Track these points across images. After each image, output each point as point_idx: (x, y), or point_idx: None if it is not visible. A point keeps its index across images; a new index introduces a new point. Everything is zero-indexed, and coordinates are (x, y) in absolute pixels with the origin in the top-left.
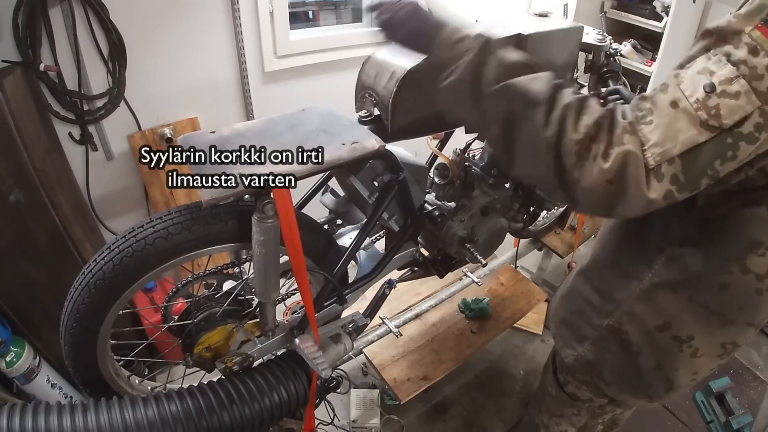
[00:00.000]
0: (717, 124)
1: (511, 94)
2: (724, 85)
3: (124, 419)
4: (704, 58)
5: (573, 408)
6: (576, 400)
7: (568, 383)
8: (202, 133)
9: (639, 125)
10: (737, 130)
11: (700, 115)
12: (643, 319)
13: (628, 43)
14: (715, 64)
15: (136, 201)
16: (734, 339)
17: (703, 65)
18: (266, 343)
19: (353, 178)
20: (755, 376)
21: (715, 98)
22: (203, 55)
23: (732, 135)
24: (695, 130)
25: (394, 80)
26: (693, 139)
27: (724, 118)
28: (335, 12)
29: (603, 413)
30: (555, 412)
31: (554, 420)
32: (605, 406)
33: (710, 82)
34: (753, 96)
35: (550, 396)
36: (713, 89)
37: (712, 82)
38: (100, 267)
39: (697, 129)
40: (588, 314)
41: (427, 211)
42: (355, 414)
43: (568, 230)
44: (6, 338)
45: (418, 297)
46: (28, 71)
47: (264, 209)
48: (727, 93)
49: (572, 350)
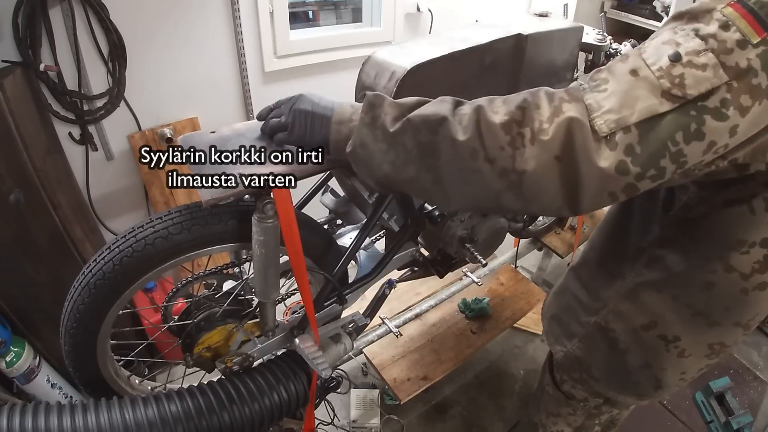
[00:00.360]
0: (680, 94)
1: (414, 125)
2: (691, 56)
3: (124, 419)
4: (670, 31)
5: (569, 407)
6: (571, 399)
7: (564, 382)
8: (202, 133)
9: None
10: (702, 103)
11: (663, 83)
12: (629, 318)
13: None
14: (682, 37)
15: (136, 201)
16: (722, 340)
17: (668, 37)
18: (266, 343)
19: (353, 178)
20: (755, 376)
21: (680, 67)
22: (203, 54)
23: (696, 107)
24: (655, 99)
25: (394, 80)
26: (653, 107)
27: (688, 88)
28: (335, 12)
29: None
30: (552, 411)
31: (551, 419)
32: (601, 406)
33: (676, 51)
34: (721, 70)
35: (547, 395)
36: (678, 58)
37: (678, 52)
38: (100, 267)
39: (657, 98)
40: (577, 311)
41: (427, 211)
42: (355, 414)
43: (568, 230)
44: (6, 338)
45: (418, 297)
46: (28, 71)
47: (264, 209)
48: (693, 63)
49: (562, 346)
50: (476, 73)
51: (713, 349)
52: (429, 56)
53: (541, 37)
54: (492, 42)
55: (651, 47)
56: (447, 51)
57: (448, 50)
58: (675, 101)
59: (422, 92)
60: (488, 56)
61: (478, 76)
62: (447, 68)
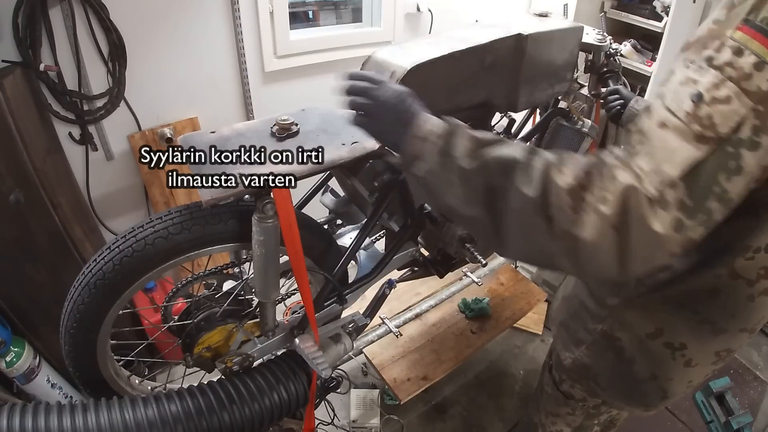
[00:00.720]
0: (713, 135)
1: (489, 166)
2: (712, 91)
3: (124, 419)
4: (683, 68)
5: (567, 407)
6: (570, 398)
7: (563, 381)
8: (202, 133)
9: (631, 158)
10: (736, 136)
11: (694, 129)
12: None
13: (628, 43)
14: (696, 72)
15: (136, 201)
16: (728, 346)
17: (683, 75)
18: (266, 343)
19: (353, 178)
20: (755, 376)
21: (705, 107)
22: (203, 54)
23: (732, 143)
24: (691, 146)
25: (394, 80)
26: (691, 156)
27: (719, 126)
28: (335, 12)
29: (598, 414)
30: (551, 411)
31: (550, 419)
32: (599, 406)
33: (696, 91)
34: (744, 97)
35: (546, 394)
36: (701, 98)
37: (699, 92)
38: (100, 267)
39: (693, 144)
40: (584, 318)
41: (427, 210)
42: (355, 414)
43: None
44: (6, 338)
45: (418, 297)
46: (28, 71)
47: (264, 209)
48: (717, 99)
49: (570, 353)
50: (476, 73)
51: (720, 356)
52: (429, 56)
53: (541, 37)
54: (492, 42)
55: (670, 92)
56: (447, 51)
57: (448, 50)
58: (710, 143)
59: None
60: (488, 56)
61: (478, 76)
62: (447, 68)
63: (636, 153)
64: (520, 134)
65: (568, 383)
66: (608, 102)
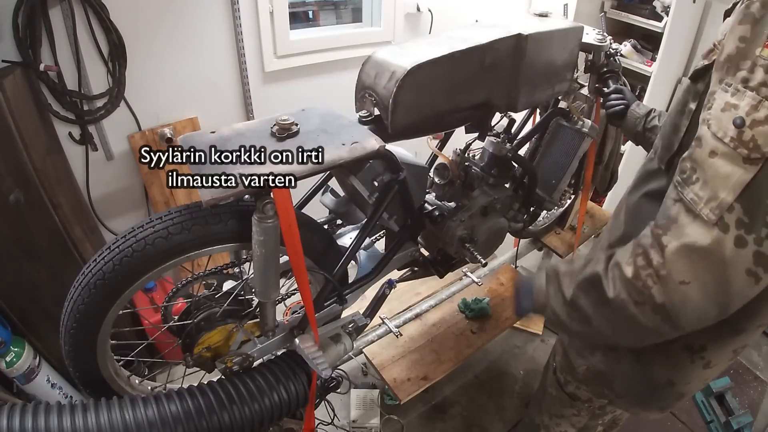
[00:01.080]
0: (759, 155)
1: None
2: (752, 114)
3: (124, 419)
4: (722, 92)
5: (573, 408)
6: (576, 400)
7: (568, 383)
8: (202, 133)
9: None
10: None
11: (741, 152)
12: None
13: (628, 43)
14: (735, 96)
15: (136, 201)
16: (745, 343)
17: (723, 101)
18: (266, 343)
19: (353, 178)
20: (755, 376)
21: (748, 131)
22: (203, 55)
23: None
24: (741, 169)
25: (394, 80)
26: (742, 179)
27: (763, 147)
28: (335, 12)
29: (603, 414)
30: (555, 412)
31: (554, 420)
32: (605, 406)
33: (738, 116)
34: None
35: (550, 396)
36: (743, 123)
37: (741, 116)
38: (100, 267)
39: (742, 167)
40: None
41: (427, 211)
42: (355, 414)
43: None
44: (6, 338)
45: (418, 297)
46: (28, 71)
47: (264, 209)
48: (757, 121)
49: (584, 360)
50: (476, 73)
51: (736, 353)
52: (429, 56)
53: (541, 37)
54: (492, 42)
55: (714, 119)
56: (447, 51)
57: (448, 50)
58: (757, 163)
59: (422, 92)
60: (488, 56)
61: (478, 76)
62: (447, 68)
63: (689, 181)
64: (520, 134)
65: (574, 385)
66: (610, 101)
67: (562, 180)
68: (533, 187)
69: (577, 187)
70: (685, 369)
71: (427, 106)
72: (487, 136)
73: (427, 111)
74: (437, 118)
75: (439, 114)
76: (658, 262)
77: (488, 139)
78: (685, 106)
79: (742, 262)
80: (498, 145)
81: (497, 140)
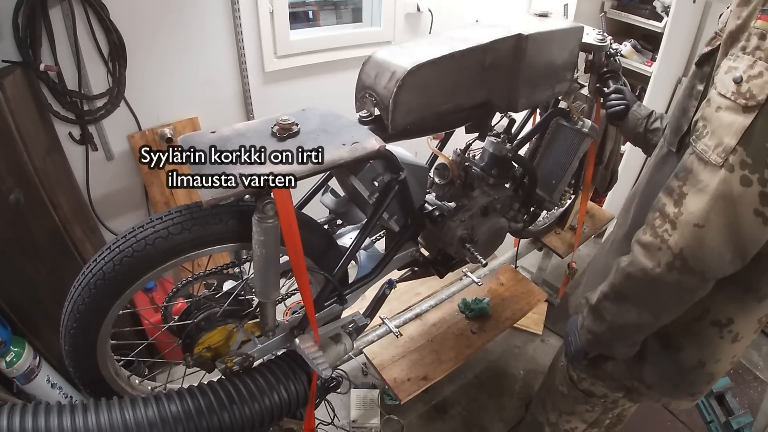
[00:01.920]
0: (755, 103)
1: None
2: (748, 71)
3: (124, 419)
4: (726, 60)
5: (587, 404)
6: (591, 396)
7: (583, 380)
8: (202, 133)
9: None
10: None
11: (740, 103)
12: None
13: (628, 43)
14: (735, 60)
15: (136, 201)
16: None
17: (726, 65)
18: (266, 343)
19: (353, 178)
20: (755, 376)
21: (744, 84)
22: (203, 55)
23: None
24: (741, 116)
25: (394, 80)
26: (742, 124)
27: (758, 95)
28: (335, 12)
29: (615, 407)
30: (566, 410)
31: (564, 418)
32: (618, 400)
33: (738, 75)
34: None
35: (560, 394)
36: (741, 79)
37: (739, 75)
38: (100, 267)
39: (742, 115)
40: None
41: (427, 211)
42: (355, 414)
43: (568, 230)
44: (6, 338)
45: (418, 297)
46: (28, 71)
47: (264, 209)
48: (752, 76)
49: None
50: (476, 73)
51: (761, 322)
52: (429, 56)
53: (541, 37)
54: (492, 42)
55: (719, 81)
56: (447, 51)
57: (448, 50)
58: (754, 110)
59: (422, 92)
60: (488, 56)
61: (479, 76)
62: (447, 68)
63: (701, 136)
64: (520, 134)
65: (589, 381)
66: (611, 101)
67: (562, 180)
68: (533, 187)
69: (577, 187)
70: (714, 345)
71: (427, 106)
72: (487, 136)
73: (428, 111)
74: (437, 118)
75: (439, 114)
76: (674, 212)
77: (488, 139)
78: (693, 89)
79: (749, 202)
80: (498, 145)
81: (497, 140)
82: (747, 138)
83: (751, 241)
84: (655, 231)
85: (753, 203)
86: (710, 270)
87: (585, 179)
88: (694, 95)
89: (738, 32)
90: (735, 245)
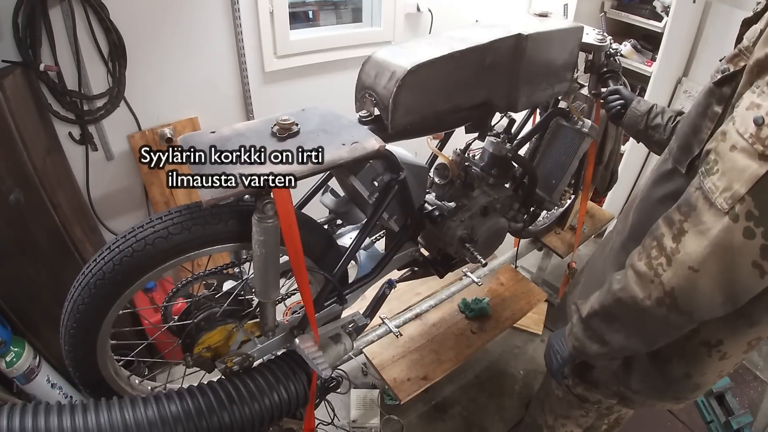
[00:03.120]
0: None
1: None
2: None
3: (124, 419)
4: (749, 93)
5: (581, 410)
6: (585, 401)
7: (577, 385)
8: (202, 133)
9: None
10: None
11: (757, 149)
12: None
13: (628, 43)
14: (759, 96)
15: (136, 201)
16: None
17: (749, 100)
18: (266, 343)
19: (353, 178)
20: (755, 376)
21: (766, 129)
22: (203, 55)
23: None
24: (755, 164)
25: (394, 80)
26: (755, 173)
27: None
28: (335, 12)
29: (610, 413)
30: (561, 413)
31: (560, 421)
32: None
33: (759, 115)
34: None
35: (556, 398)
36: (762, 121)
37: (761, 115)
38: (100, 267)
39: (757, 162)
40: None
41: (427, 211)
42: (355, 414)
43: (568, 230)
44: (6, 338)
45: (418, 297)
46: (28, 71)
47: (264, 209)
48: None
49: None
50: (476, 73)
51: (751, 345)
52: (429, 56)
53: (541, 37)
54: (492, 42)
55: (739, 116)
56: (447, 51)
57: (448, 50)
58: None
59: (422, 92)
60: (488, 56)
61: (478, 76)
62: (447, 68)
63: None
64: (520, 134)
65: (583, 386)
66: (608, 102)
67: (562, 180)
68: (533, 187)
69: (577, 187)
70: (702, 362)
71: (427, 106)
72: (487, 136)
73: (427, 111)
74: (437, 118)
75: (439, 114)
76: (671, 247)
77: (488, 139)
78: (707, 108)
79: (749, 254)
80: (498, 145)
81: (497, 140)
82: (758, 189)
83: (745, 291)
84: (650, 261)
85: (753, 255)
86: (699, 312)
87: (585, 179)
88: (709, 116)
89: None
90: (728, 293)
